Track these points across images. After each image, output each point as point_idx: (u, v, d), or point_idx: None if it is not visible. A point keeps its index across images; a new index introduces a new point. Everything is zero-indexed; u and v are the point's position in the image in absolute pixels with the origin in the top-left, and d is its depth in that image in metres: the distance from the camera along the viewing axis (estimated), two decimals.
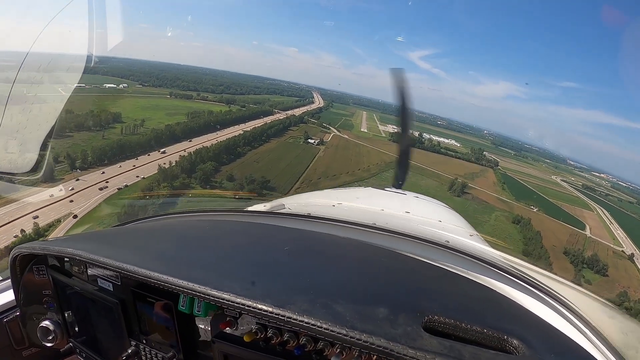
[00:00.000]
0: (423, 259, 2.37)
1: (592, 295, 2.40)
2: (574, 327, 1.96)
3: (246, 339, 1.72)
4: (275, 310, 1.46)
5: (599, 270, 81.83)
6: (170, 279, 1.74)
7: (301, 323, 1.40)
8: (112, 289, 2.32)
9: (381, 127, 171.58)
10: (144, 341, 2.30)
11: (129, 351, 2.30)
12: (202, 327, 2.13)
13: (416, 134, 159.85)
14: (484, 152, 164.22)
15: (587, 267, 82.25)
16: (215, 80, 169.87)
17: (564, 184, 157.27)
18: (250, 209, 3.47)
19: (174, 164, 77.17)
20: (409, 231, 2.77)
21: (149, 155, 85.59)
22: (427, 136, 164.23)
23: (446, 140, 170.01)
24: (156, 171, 73.26)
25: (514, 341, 1.44)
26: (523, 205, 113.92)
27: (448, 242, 2.76)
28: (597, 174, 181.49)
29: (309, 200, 4.35)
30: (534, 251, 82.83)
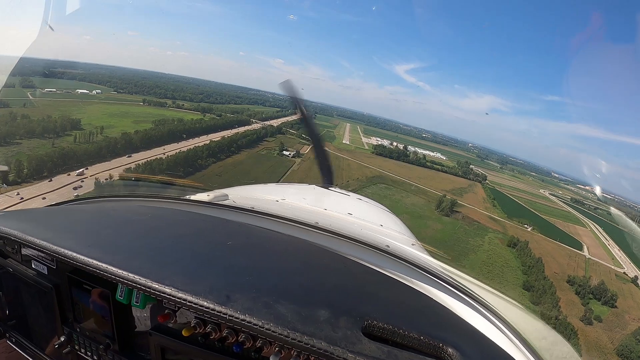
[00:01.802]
0: (364, 263, 2.33)
1: (524, 307, 2.35)
2: (506, 337, 2.02)
3: (184, 333, 1.68)
4: (217, 308, 1.45)
5: (606, 301, 74.97)
6: (110, 267, 1.69)
7: (243, 322, 1.40)
8: (46, 273, 2.24)
9: (364, 140, 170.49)
10: (78, 329, 2.19)
11: (62, 339, 2.20)
12: (140, 318, 2.07)
13: (401, 146, 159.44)
14: (471, 166, 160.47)
15: (593, 297, 75.31)
16: (196, 89, 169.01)
17: (553, 198, 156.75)
18: (193, 197, 3.27)
19: (116, 178, 68.24)
20: (351, 233, 2.65)
21: (86, 169, 77.59)
22: (412, 149, 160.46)
23: (432, 153, 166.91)
24: (92, 188, 65.01)
25: (449, 349, 1.46)
26: (516, 224, 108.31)
27: (388, 247, 2.69)
28: (582, 187, 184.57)
29: (252, 194, 4.13)
30: (536, 282, 74.61)
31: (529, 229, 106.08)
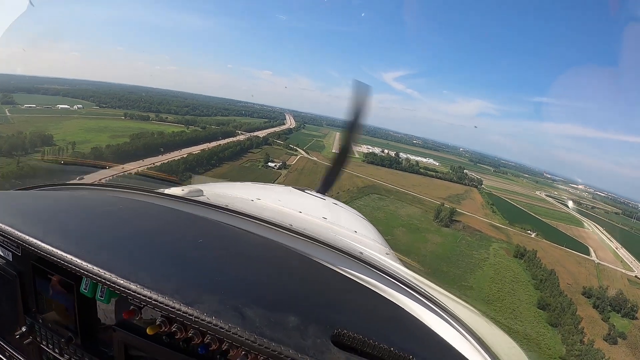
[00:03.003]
0: (336, 269, 2.36)
1: (492, 320, 2.43)
2: (475, 349, 2.03)
3: (149, 331, 1.66)
4: (183, 308, 1.43)
5: (627, 312, 69.61)
6: (75, 259, 1.66)
7: (209, 325, 1.38)
8: (11, 259, 2.20)
9: (355, 148, 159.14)
10: (41, 320, 2.16)
11: (23, 329, 2.17)
12: (105, 312, 2.05)
13: (393, 154, 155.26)
14: (465, 171, 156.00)
15: (612, 309, 69.72)
16: (182, 102, 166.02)
17: (550, 200, 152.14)
18: (167, 191, 3.24)
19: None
20: (324, 238, 2.66)
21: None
22: (404, 156, 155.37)
23: (424, 160, 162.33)
24: None
25: None
26: (519, 231, 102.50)
27: (362, 254, 2.68)
28: (575, 186, 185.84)
29: (227, 191, 3.99)
30: (552, 299, 67.87)
31: (533, 235, 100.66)
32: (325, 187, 6.19)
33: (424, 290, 2.40)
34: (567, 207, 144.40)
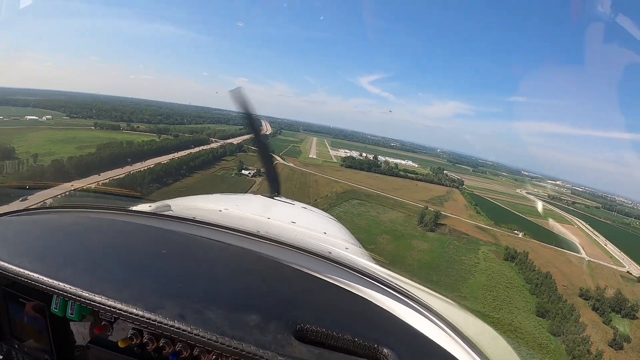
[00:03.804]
0: (303, 269, 2.37)
1: (461, 306, 2.43)
2: (445, 333, 2.06)
3: (121, 344, 1.72)
4: (146, 315, 1.47)
5: (627, 313, 67.00)
6: (41, 277, 1.70)
7: (172, 328, 1.44)
8: None
9: (333, 152, 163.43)
10: (16, 346, 2.17)
11: (0, 357, 2.22)
12: (78, 331, 2.10)
13: (371, 157, 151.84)
14: (445, 171, 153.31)
15: (611, 310, 66.94)
16: (155, 111, 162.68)
17: (531, 197, 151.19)
18: (134, 208, 3.23)
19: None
20: (293, 241, 2.69)
21: None
22: (383, 159, 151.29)
23: (403, 162, 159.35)
24: None
25: (385, 350, 1.53)
26: (506, 231, 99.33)
27: (330, 253, 2.70)
28: (553, 182, 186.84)
29: (195, 204, 3.99)
30: (550, 305, 63.78)
31: (520, 235, 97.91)
32: (274, 188, 5.93)
33: (395, 283, 2.39)
34: (549, 203, 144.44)
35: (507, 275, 74.20)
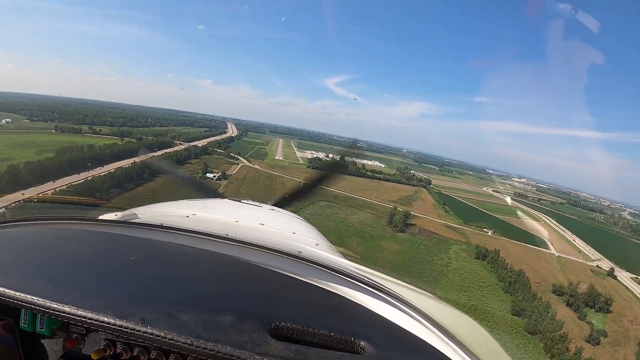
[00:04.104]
0: (274, 269, 2.41)
1: (436, 297, 2.58)
2: (422, 325, 2.10)
3: (94, 356, 1.68)
4: (117, 322, 1.45)
5: (600, 307, 66.69)
6: (6, 291, 1.66)
7: (144, 334, 1.42)
8: None
9: (299, 154, 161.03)
10: None
11: None
12: (51, 347, 2.05)
13: (337, 158, 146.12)
14: (412, 171, 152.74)
15: (585, 305, 66.46)
16: (118, 114, 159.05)
17: (498, 195, 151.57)
18: (101, 217, 3.23)
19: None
20: (262, 242, 2.73)
21: None
22: (350, 159, 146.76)
23: (370, 162, 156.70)
24: None
25: (361, 342, 1.56)
26: (475, 229, 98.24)
27: (300, 252, 2.75)
28: (518, 180, 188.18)
29: (163, 210, 4.05)
30: (525, 304, 62.39)
31: (489, 233, 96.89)
32: (213, 192, 5.96)
33: (367, 278, 2.43)
34: (516, 200, 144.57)
35: (479, 274, 72.63)
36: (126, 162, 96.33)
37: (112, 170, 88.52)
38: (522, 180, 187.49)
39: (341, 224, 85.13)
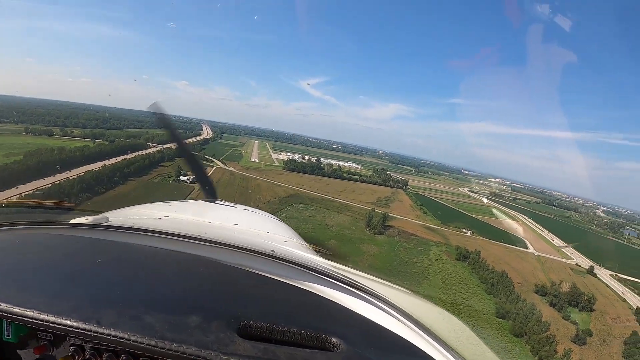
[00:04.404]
0: (246, 269, 2.39)
1: (412, 292, 2.55)
2: (397, 320, 2.12)
3: None
4: (81, 326, 1.43)
5: (584, 306, 66.11)
6: None
7: (109, 337, 1.40)
8: None
9: (274, 156, 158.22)
10: None
11: None
12: (21, 355, 1.98)
13: (314, 159, 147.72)
14: (388, 172, 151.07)
15: (568, 304, 65.82)
16: (91, 115, 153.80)
17: (474, 195, 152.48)
18: (72, 221, 3.20)
19: None
20: (235, 242, 2.72)
21: None
22: (326, 161, 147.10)
23: (346, 164, 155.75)
24: None
25: (333, 339, 1.57)
26: (454, 230, 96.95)
27: (273, 251, 2.76)
28: (493, 179, 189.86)
29: (135, 213, 4.02)
30: (509, 305, 60.87)
31: (468, 234, 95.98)
32: (209, 193, 5.90)
33: (339, 274, 2.47)
34: (492, 200, 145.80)
35: (461, 276, 71.21)
36: (97, 165, 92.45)
37: (81, 174, 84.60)
38: (497, 180, 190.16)
39: (319, 227, 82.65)
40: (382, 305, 2.14)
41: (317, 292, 2.19)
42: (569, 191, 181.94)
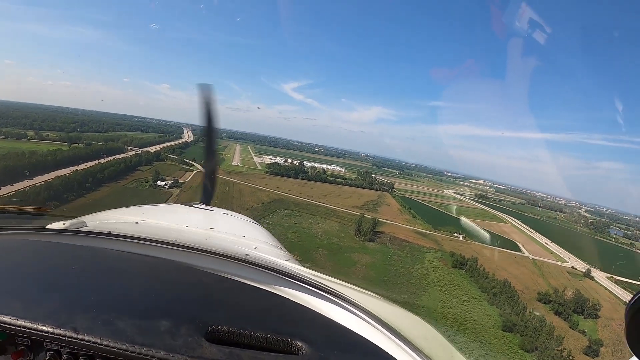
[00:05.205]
0: (219, 273, 2.46)
1: (382, 297, 2.59)
2: (367, 323, 2.17)
3: None
4: (55, 331, 1.48)
5: (589, 313, 62.96)
6: None
7: (82, 342, 1.45)
8: None
9: (257, 159, 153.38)
10: None
11: None
12: None
13: (297, 163, 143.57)
14: (373, 175, 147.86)
15: (573, 312, 62.52)
16: (69, 118, 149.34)
17: (460, 197, 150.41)
18: (49, 226, 3.11)
19: None
20: (210, 247, 2.81)
21: None
22: (309, 164, 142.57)
23: (330, 167, 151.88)
24: None
25: (298, 343, 1.64)
26: (446, 234, 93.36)
27: (248, 255, 2.85)
28: (475, 181, 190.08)
29: (113, 217, 4.00)
30: (515, 317, 56.85)
31: (460, 238, 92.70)
32: (207, 198, 5.91)
33: (312, 279, 2.53)
34: (478, 202, 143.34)
35: (460, 285, 67.10)
36: (68, 170, 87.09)
37: (50, 180, 78.83)
38: (480, 181, 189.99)
39: (305, 235, 77.88)
40: (352, 308, 2.21)
41: (288, 297, 2.25)
42: (550, 191, 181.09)
